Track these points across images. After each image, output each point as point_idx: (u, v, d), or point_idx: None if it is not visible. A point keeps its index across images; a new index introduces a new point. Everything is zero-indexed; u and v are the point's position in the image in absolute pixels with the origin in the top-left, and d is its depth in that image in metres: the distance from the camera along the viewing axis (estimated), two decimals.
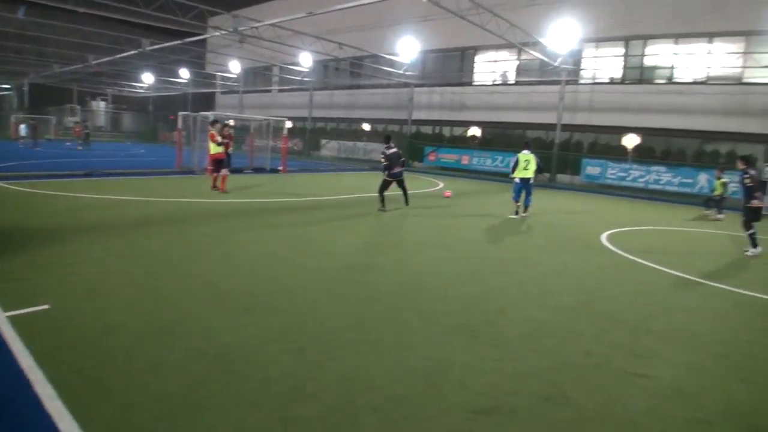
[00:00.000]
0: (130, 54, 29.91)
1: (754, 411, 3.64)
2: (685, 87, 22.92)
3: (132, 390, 3.32)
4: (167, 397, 3.27)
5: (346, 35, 29.88)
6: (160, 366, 3.66)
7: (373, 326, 4.68)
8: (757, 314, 6.04)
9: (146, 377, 3.49)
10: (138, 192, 12.58)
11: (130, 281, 5.54)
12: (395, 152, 12.19)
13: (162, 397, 3.26)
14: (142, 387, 3.36)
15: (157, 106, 55.04)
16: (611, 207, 16.78)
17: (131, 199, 11.38)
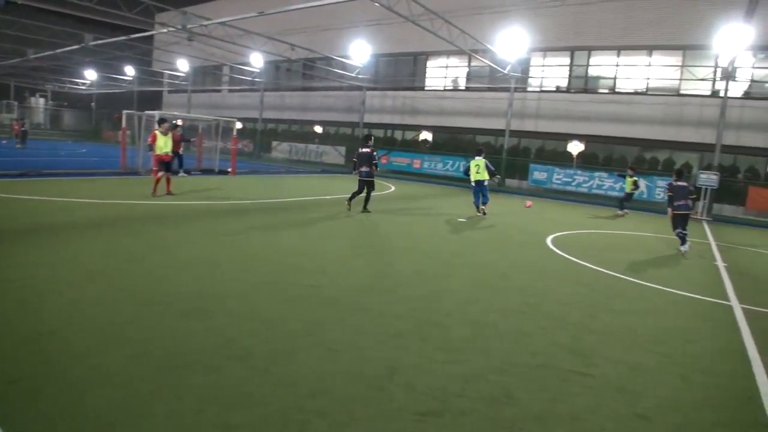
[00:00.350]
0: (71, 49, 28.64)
1: (691, 406, 3.82)
2: (627, 97, 23.96)
3: (72, 400, 3.18)
4: (110, 406, 3.15)
5: (298, 36, 29.66)
6: (102, 374, 3.52)
7: (322, 330, 4.65)
8: (692, 313, 6.35)
9: (87, 386, 3.35)
10: (79, 193, 12.07)
11: (70, 286, 5.31)
12: (366, 152, 12.33)
13: (105, 406, 3.14)
14: (82, 397, 3.23)
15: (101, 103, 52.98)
16: (557, 211, 17.30)
17: (72, 201, 10.90)
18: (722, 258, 10.66)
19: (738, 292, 7.67)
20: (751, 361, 4.84)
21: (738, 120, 21.21)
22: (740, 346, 5.23)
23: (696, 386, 4.19)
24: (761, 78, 21.57)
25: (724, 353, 5.02)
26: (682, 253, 10.50)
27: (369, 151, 12.39)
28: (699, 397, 3.99)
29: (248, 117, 37.44)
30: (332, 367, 3.93)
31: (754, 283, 8.65)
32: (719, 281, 8.40)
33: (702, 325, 5.90)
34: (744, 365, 4.72)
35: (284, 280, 6.20)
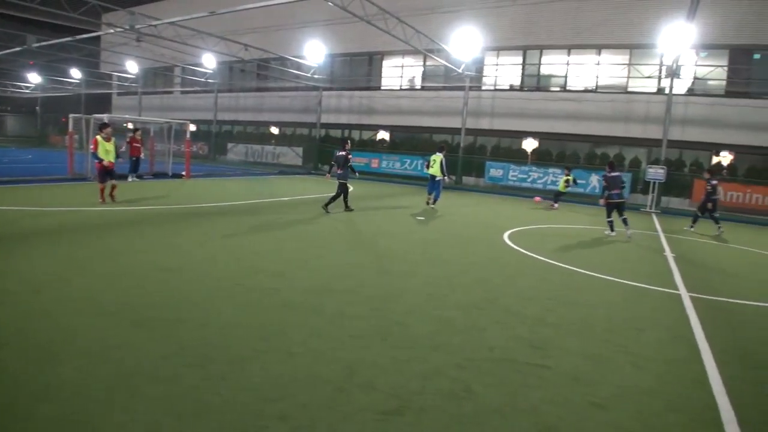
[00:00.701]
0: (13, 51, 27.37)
1: (644, 393, 3.93)
2: (577, 95, 24.61)
3: (17, 417, 3.02)
4: (59, 423, 3.00)
5: (251, 36, 29.26)
6: (51, 389, 3.36)
7: (281, 334, 4.58)
8: (643, 303, 6.55)
9: (33, 402, 3.19)
10: (24, 201, 11.55)
11: (15, 299, 5.04)
12: (342, 155, 12.82)
13: (53, 423, 2.99)
14: (28, 413, 3.07)
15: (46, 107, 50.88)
16: (513, 207, 17.60)
17: (15, 209, 10.41)
18: (670, 249, 11.06)
19: (686, 281, 7.97)
20: (700, 347, 5.02)
21: (683, 116, 22.10)
22: (689, 333, 5.43)
23: (648, 373, 4.32)
24: (703, 75, 22.52)
25: (674, 340, 5.20)
26: (615, 235, 12.03)
27: (344, 154, 12.85)
28: (651, 384, 4.11)
29: (202, 119, 36.65)
30: (291, 370, 3.86)
31: (701, 272, 9.00)
32: (668, 271, 8.71)
33: (652, 314, 6.10)
34: (693, 351, 4.90)
35: (241, 284, 6.07)
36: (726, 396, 3.95)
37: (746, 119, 21.14)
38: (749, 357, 4.92)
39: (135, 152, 18.25)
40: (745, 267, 9.82)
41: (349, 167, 13.05)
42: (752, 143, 21.15)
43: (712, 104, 21.90)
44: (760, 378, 4.42)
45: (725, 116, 21.52)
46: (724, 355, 4.83)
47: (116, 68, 38.23)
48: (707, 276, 8.72)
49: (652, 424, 3.47)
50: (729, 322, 6.11)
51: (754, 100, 21.26)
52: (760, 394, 4.08)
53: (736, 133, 21.38)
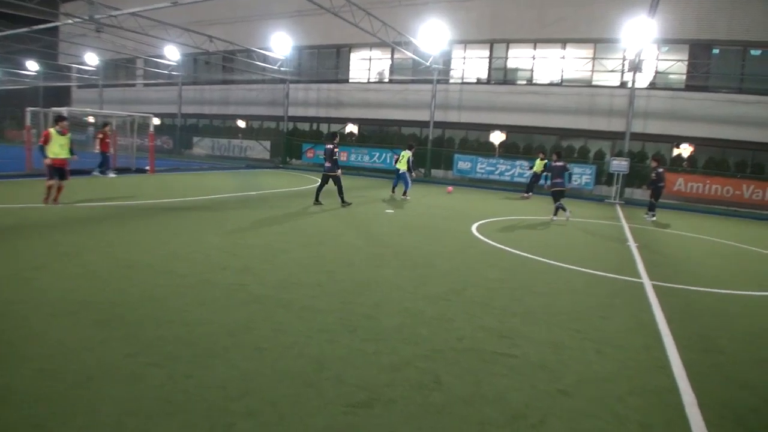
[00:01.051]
0: None
1: (607, 378, 4.02)
2: (543, 88, 24.95)
3: None
4: (18, 428, 2.90)
5: (216, 28, 28.71)
6: (8, 393, 3.24)
7: (247, 330, 4.52)
8: (606, 291, 6.70)
9: None
10: None
11: None
12: (328, 148, 13.05)
13: (12, 429, 2.89)
14: None
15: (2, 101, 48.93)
16: (481, 199, 17.77)
17: None
18: (634, 238, 11.33)
19: (648, 269, 8.19)
20: (662, 333, 5.17)
21: (645, 109, 22.64)
22: (651, 320, 5.57)
23: (611, 360, 4.42)
24: (665, 70, 23.09)
25: (637, 328, 5.33)
26: (561, 219, 13.41)
27: (331, 148, 13.07)
28: (614, 370, 4.21)
29: (166, 112, 35.85)
30: (258, 366, 3.82)
31: (663, 261, 9.25)
32: (631, 260, 8.92)
33: (615, 302, 6.24)
34: (655, 338, 5.03)
35: (207, 280, 5.96)
36: (687, 380, 4.07)
37: (705, 112, 21.78)
38: (709, 342, 5.08)
39: (105, 147, 17.93)
40: (705, 255, 10.14)
41: (334, 161, 13.07)
42: (711, 135, 21.83)
43: (672, 98, 22.50)
44: (720, 362, 4.57)
45: (685, 109, 22.14)
46: (685, 341, 4.98)
47: (76, 60, 37.03)
48: (669, 264, 8.96)
49: (615, 408, 3.55)
50: (690, 308, 6.29)
51: (713, 94, 21.91)
52: (719, 378, 4.22)
53: (696, 126, 22.02)
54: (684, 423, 3.43)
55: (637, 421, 3.41)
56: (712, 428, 3.36)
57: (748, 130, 21.18)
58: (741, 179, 20.41)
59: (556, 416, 3.39)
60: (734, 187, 20.24)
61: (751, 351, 4.91)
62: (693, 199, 20.95)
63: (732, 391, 3.98)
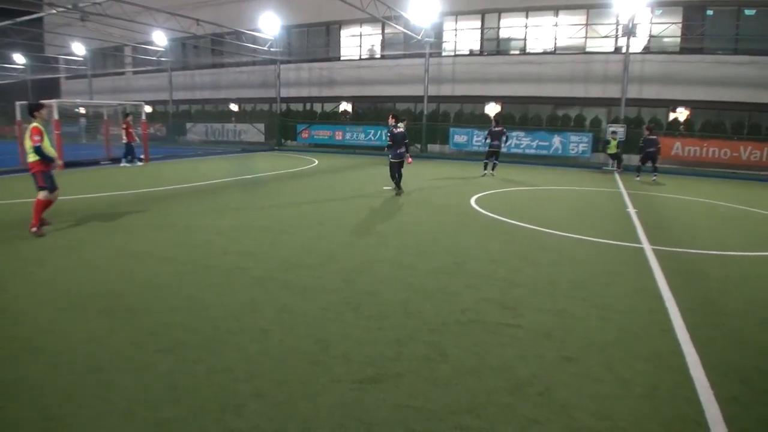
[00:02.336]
0: None
1: (612, 344, 4.05)
2: (537, 57, 24.68)
3: None
4: (31, 422, 2.92)
5: (203, 10, 28.30)
6: (19, 387, 3.25)
7: (251, 312, 4.53)
8: (608, 259, 6.71)
9: (4, 402, 3.09)
10: None
11: None
12: (401, 132, 11.66)
13: (25, 422, 2.91)
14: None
15: None
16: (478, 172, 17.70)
17: None
18: (633, 204, 11.34)
19: (649, 234, 8.20)
20: (664, 297, 5.19)
21: (640, 74, 22.42)
22: (653, 285, 5.60)
23: (615, 325, 4.45)
24: (659, 33, 22.82)
25: (639, 293, 5.36)
26: (488, 173, 16.35)
27: (403, 131, 11.76)
28: (619, 335, 4.24)
29: (158, 99, 35.49)
30: (265, 347, 3.84)
31: (663, 225, 9.27)
32: (631, 226, 8.93)
33: (617, 269, 6.26)
34: (658, 302, 5.06)
35: (209, 265, 5.97)
36: (690, 342, 4.10)
37: (701, 75, 21.59)
38: (711, 304, 5.11)
39: (130, 138, 18.07)
40: (704, 218, 10.15)
41: (406, 144, 11.73)
42: (707, 98, 21.67)
43: (667, 61, 22.28)
44: (723, 323, 4.60)
45: (680, 73, 21.94)
46: (688, 304, 5.00)
47: (62, 51, 36.47)
48: (669, 229, 8.97)
49: (620, 372, 3.58)
50: (691, 272, 6.32)
51: (707, 56, 21.70)
52: (723, 339, 4.25)
53: (692, 89, 21.85)
54: (689, 384, 3.46)
55: (642, 383, 3.44)
56: (717, 388, 3.39)
57: (743, 91, 21.02)
58: (738, 141, 20.32)
59: (561, 383, 3.42)
60: (731, 149, 20.16)
61: (753, 312, 4.94)
62: (691, 162, 20.89)
63: (735, 352, 4.01)
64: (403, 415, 3.01)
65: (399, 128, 11.68)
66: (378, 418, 2.97)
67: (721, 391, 3.37)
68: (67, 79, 42.32)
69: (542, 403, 3.18)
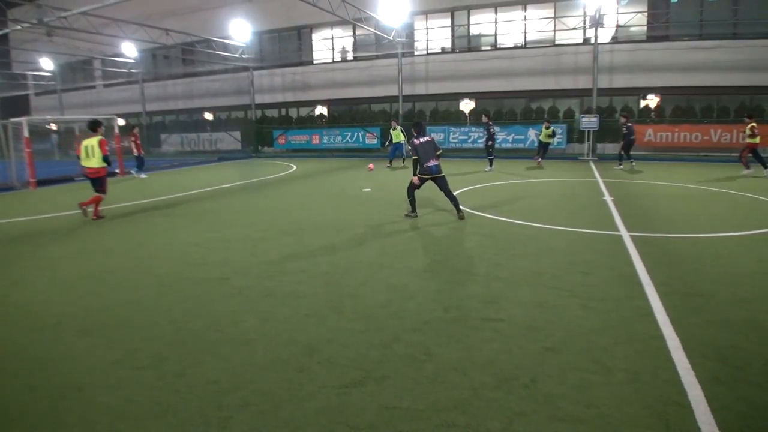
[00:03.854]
0: None
1: (593, 332, 4.09)
2: (508, 52, 24.88)
3: None
4: None
5: (172, 20, 27.99)
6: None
7: (233, 323, 4.49)
8: (586, 247, 6.79)
9: None
10: None
11: None
12: (428, 141, 9.08)
13: None
14: None
15: None
16: (457, 168, 17.79)
17: None
18: (609, 193, 11.49)
19: (626, 221, 8.33)
20: (643, 282, 5.27)
21: (609, 64, 22.74)
22: (632, 271, 5.68)
23: (596, 313, 4.50)
24: (626, 23, 23.16)
25: (619, 279, 5.43)
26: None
27: (431, 140, 9.21)
28: (600, 323, 4.29)
29: (130, 112, 35.02)
30: (248, 357, 3.81)
31: (639, 212, 9.39)
32: (608, 214, 9.05)
33: (596, 257, 6.34)
34: (637, 288, 5.13)
35: (187, 278, 5.90)
36: (670, 325, 4.17)
37: (668, 61, 21.97)
38: (689, 286, 5.19)
39: (140, 149, 18.52)
40: (679, 202, 10.33)
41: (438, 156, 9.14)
42: (675, 84, 22.05)
43: (635, 50, 22.62)
44: (700, 305, 4.68)
45: (649, 60, 22.29)
46: (666, 288, 5.08)
47: (30, 67, 35.82)
48: (645, 215, 9.10)
49: (603, 359, 3.63)
50: (668, 256, 6.42)
51: (674, 43, 22.09)
52: (701, 320, 4.33)
53: (660, 76, 22.22)
54: (670, 366, 3.51)
55: (625, 369, 3.49)
56: (697, 368, 3.45)
57: (710, 75, 21.44)
58: (708, 124, 20.74)
59: (546, 374, 3.45)
60: (702, 132, 20.57)
61: (729, 291, 5.04)
62: (664, 148, 21.26)
63: (714, 332, 4.08)
64: (390, 416, 3.01)
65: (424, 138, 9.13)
66: (365, 421, 2.97)
67: (701, 371, 3.42)
68: (37, 96, 41.53)
69: (527, 395, 3.20)
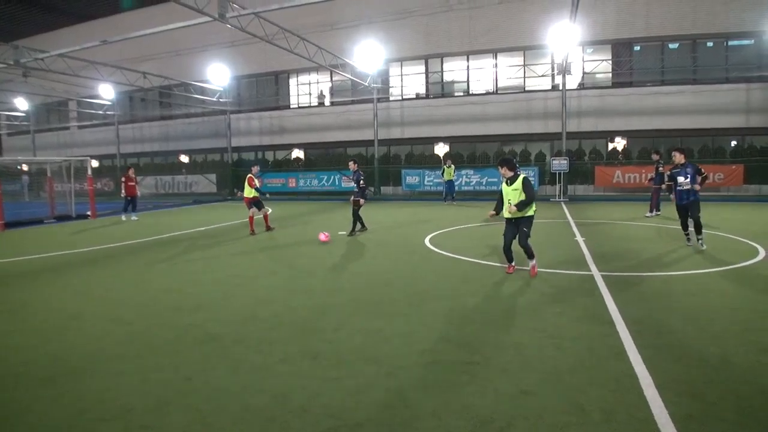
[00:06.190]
0: None
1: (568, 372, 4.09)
2: (480, 98, 25.62)
3: None
4: None
5: (150, 63, 28.27)
6: None
7: (204, 371, 4.37)
8: (559, 287, 6.84)
9: None
10: None
11: None
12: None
13: None
14: None
15: None
16: (431, 212, 17.98)
17: None
18: (580, 233, 11.69)
19: (597, 261, 8.46)
20: (615, 321, 5.32)
21: (577, 108, 23.57)
22: (604, 310, 5.74)
23: (570, 353, 4.51)
24: (592, 70, 24.13)
25: (591, 318, 5.47)
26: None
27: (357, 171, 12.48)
28: (574, 363, 4.30)
29: (105, 153, 34.79)
30: (218, 407, 3.69)
31: (610, 252, 9.54)
32: (580, 254, 9.19)
33: (569, 297, 6.40)
34: (609, 327, 5.17)
35: (158, 323, 5.75)
36: (642, 364, 4.20)
37: (633, 106, 22.88)
38: (660, 324, 5.26)
39: (131, 191, 17.86)
40: (648, 241, 10.54)
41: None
42: (640, 127, 22.92)
43: (601, 95, 23.54)
44: (672, 342, 4.74)
45: (614, 105, 23.19)
46: (638, 326, 5.14)
47: (4, 107, 35.51)
48: (616, 254, 9.25)
49: (578, 400, 3.62)
50: (639, 294, 6.51)
51: (637, 88, 23.07)
52: (673, 357, 4.37)
53: (626, 120, 23.10)
54: (644, 405, 3.53)
55: (600, 409, 3.49)
56: (671, 406, 3.47)
57: (673, 118, 22.37)
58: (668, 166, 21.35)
59: (521, 417, 3.43)
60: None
61: (699, 327, 5.12)
62: (632, 188, 21.83)
63: (686, 368, 4.13)
64: None
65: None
66: None
67: (675, 409, 3.44)
68: (9, 136, 41.04)
69: None
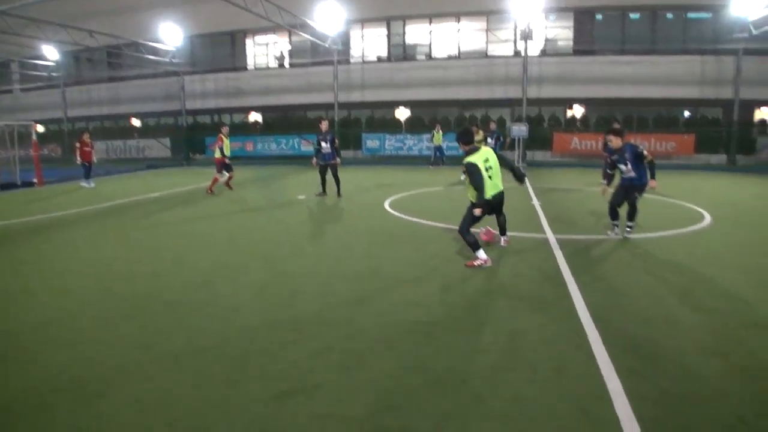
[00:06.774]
0: None
1: (522, 331, 4.21)
2: (442, 62, 25.46)
3: None
4: None
5: (97, 21, 26.71)
6: None
7: (160, 340, 4.28)
8: (517, 249, 7.00)
9: None
10: None
11: None
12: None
13: None
14: None
15: None
16: (391, 175, 17.98)
17: None
18: (537, 198, 11.92)
19: (552, 224, 8.67)
20: (567, 283, 5.49)
21: (538, 75, 23.70)
22: (558, 273, 5.92)
23: (524, 314, 4.66)
24: (553, 37, 24.24)
25: (546, 281, 5.65)
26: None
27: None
28: (528, 323, 4.42)
29: (51, 118, 33.12)
30: (176, 375, 3.64)
31: (565, 216, 9.80)
32: (536, 218, 9.39)
33: (525, 259, 6.58)
34: (563, 289, 5.34)
35: (113, 292, 5.59)
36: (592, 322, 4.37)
37: (593, 74, 23.18)
38: (609, 285, 5.47)
39: (87, 157, 17.29)
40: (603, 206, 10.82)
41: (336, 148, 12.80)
42: (599, 95, 23.30)
43: (562, 63, 23.74)
44: (620, 302, 4.94)
45: (575, 73, 23.43)
46: (589, 288, 5.33)
47: None
48: (570, 219, 9.50)
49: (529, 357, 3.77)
50: (591, 257, 6.75)
51: (598, 57, 23.36)
52: (621, 317, 4.55)
53: (585, 88, 23.41)
54: (591, 359, 3.70)
55: (550, 366, 3.62)
56: (616, 361, 3.64)
57: (631, 87, 22.80)
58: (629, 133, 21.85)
59: (476, 374, 3.52)
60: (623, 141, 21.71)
61: (647, 289, 5.34)
62: (588, 155, 22.31)
63: (632, 326, 4.32)
64: (322, 424, 2.98)
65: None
66: (297, 430, 2.92)
67: (620, 364, 3.61)
68: None
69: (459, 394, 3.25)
